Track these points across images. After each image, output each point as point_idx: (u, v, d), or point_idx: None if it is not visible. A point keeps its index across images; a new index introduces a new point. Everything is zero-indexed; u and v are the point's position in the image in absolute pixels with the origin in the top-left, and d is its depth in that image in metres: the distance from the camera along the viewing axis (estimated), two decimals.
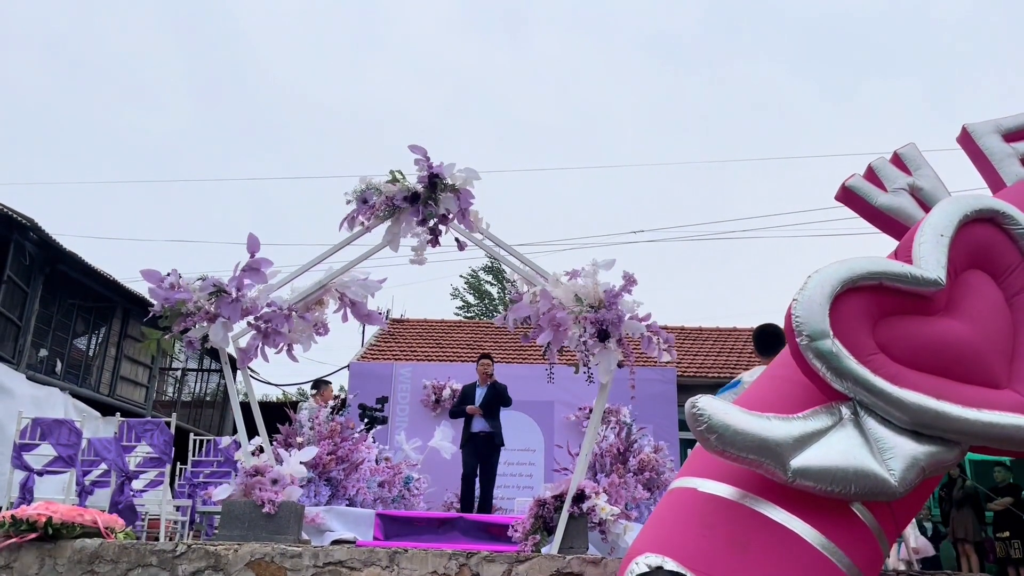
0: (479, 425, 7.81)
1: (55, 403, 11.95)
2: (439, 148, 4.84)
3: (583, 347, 4.40)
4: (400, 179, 4.98)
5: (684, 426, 9.99)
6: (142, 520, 7.65)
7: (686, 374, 14.01)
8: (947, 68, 63.66)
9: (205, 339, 4.65)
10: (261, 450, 5.14)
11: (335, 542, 5.61)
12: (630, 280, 4.43)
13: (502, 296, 28.50)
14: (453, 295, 30.78)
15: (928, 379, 2.92)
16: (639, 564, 2.74)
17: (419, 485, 7.97)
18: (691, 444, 5.10)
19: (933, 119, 58.81)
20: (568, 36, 59.36)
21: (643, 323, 4.47)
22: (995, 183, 4.02)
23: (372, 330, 17.48)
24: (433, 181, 4.90)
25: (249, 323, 4.80)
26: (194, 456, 8.89)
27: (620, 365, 4.49)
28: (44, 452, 6.81)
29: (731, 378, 6.15)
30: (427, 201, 4.91)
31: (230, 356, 5.07)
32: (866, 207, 4.16)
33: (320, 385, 8.92)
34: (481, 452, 7.74)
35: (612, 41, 59.37)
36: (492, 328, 17.80)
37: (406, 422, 9.88)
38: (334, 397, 8.50)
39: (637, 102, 57.14)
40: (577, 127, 57.00)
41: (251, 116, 58.34)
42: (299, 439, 6.93)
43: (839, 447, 2.77)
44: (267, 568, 3.79)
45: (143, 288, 4.90)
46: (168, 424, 7.38)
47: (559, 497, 4.76)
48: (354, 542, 5.64)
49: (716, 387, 6.09)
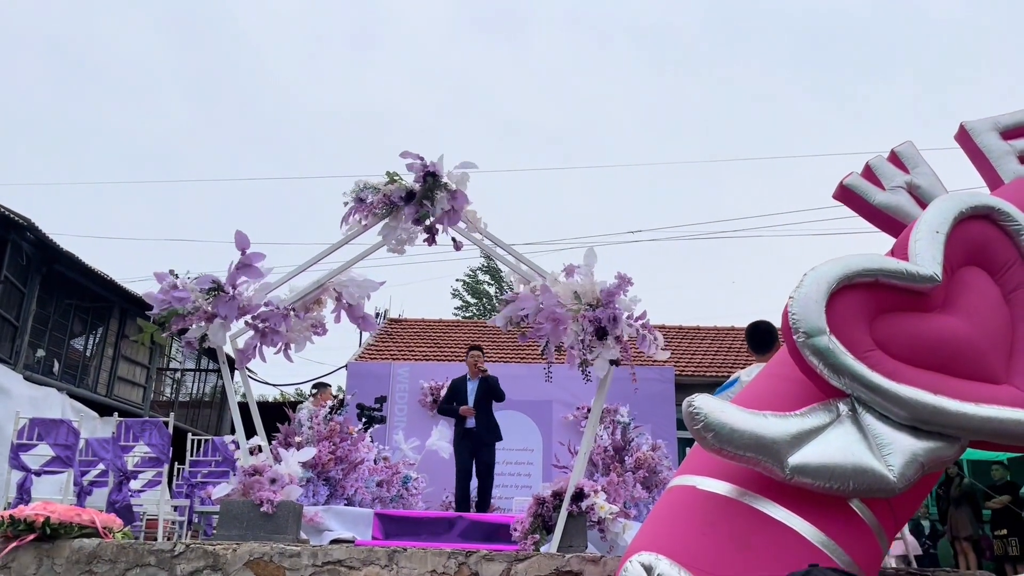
0: (472, 421, 7.70)
1: (52, 403, 11.92)
2: (436, 147, 4.84)
3: (581, 345, 4.40)
4: (397, 179, 4.97)
5: (682, 425, 9.88)
6: (140, 520, 7.64)
7: (684, 373, 14.02)
8: (945, 67, 63.79)
9: (203, 339, 4.64)
10: (260, 449, 5.13)
11: (334, 541, 5.61)
12: (625, 280, 4.44)
13: (499, 295, 28.52)
14: (454, 294, 30.94)
15: (926, 375, 2.93)
16: (633, 563, 2.74)
17: (417, 485, 7.96)
18: (689, 443, 5.10)
19: (930, 118, 58.92)
20: (565, 36, 59.41)
21: (638, 322, 4.48)
22: (993, 181, 4.03)
23: None
24: (429, 179, 4.89)
25: (247, 322, 4.79)
26: (192, 456, 8.89)
27: (617, 363, 4.49)
28: (42, 452, 6.80)
29: (728, 377, 6.16)
30: (422, 200, 4.89)
31: (228, 356, 5.06)
32: (864, 205, 4.17)
33: (319, 388, 8.92)
34: (476, 449, 7.65)
35: (609, 40, 59.43)
36: (490, 328, 17.81)
37: (404, 422, 9.87)
38: (332, 397, 8.50)
39: (634, 101, 57.21)
40: (574, 127, 57.06)
41: (249, 116, 58.35)
42: (298, 439, 6.93)
43: (837, 444, 2.77)
44: (266, 567, 3.78)
45: (141, 288, 4.90)
46: (166, 424, 7.37)
47: (558, 495, 4.76)
48: (353, 541, 5.64)
49: (714, 386, 6.09)
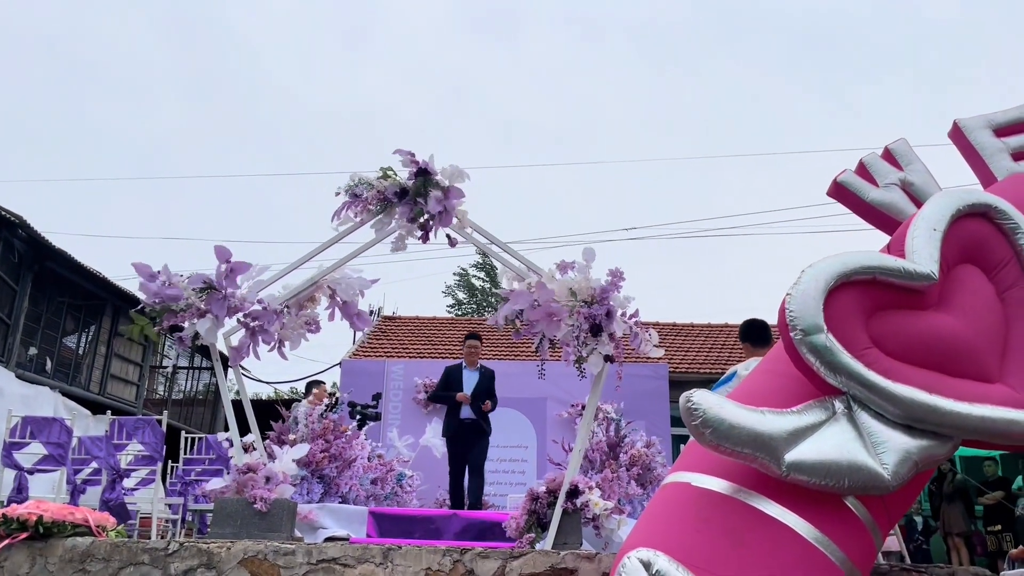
0: (467, 412, 7.52)
1: (45, 402, 11.85)
2: (431, 145, 4.85)
3: (576, 342, 4.40)
4: (391, 175, 4.96)
5: (676, 422, 10.02)
6: (134, 519, 7.62)
7: (678, 370, 14.04)
8: (941, 65, 63.99)
9: (196, 336, 4.62)
10: (254, 447, 5.12)
11: (328, 539, 5.60)
12: (618, 276, 4.44)
13: (491, 289, 28.46)
14: (445, 293, 30.79)
15: (921, 373, 2.93)
16: (631, 559, 2.74)
17: (412, 482, 7.93)
18: (683, 440, 5.11)
19: (924, 115, 59.09)
20: (559, 33, 59.38)
21: (631, 319, 4.48)
22: (986, 178, 4.04)
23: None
24: (422, 177, 4.88)
25: (239, 320, 4.78)
26: (186, 454, 8.86)
27: (612, 360, 4.49)
28: (34, 451, 6.77)
29: (723, 373, 6.16)
30: (416, 198, 4.88)
31: (221, 354, 5.05)
32: (858, 202, 4.17)
33: (313, 386, 8.88)
34: (470, 441, 7.52)
35: (603, 37, 59.44)
36: (484, 325, 17.79)
37: (398, 419, 9.86)
38: (328, 395, 8.48)
39: (628, 98, 57.25)
40: (568, 124, 57.07)
41: (243, 113, 58.16)
42: (292, 436, 6.91)
43: (833, 441, 2.77)
44: (260, 566, 3.77)
45: (134, 286, 4.88)
46: (159, 422, 7.34)
47: (552, 492, 4.76)
48: (347, 539, 5.62)
49: (708, 382, 6.10)
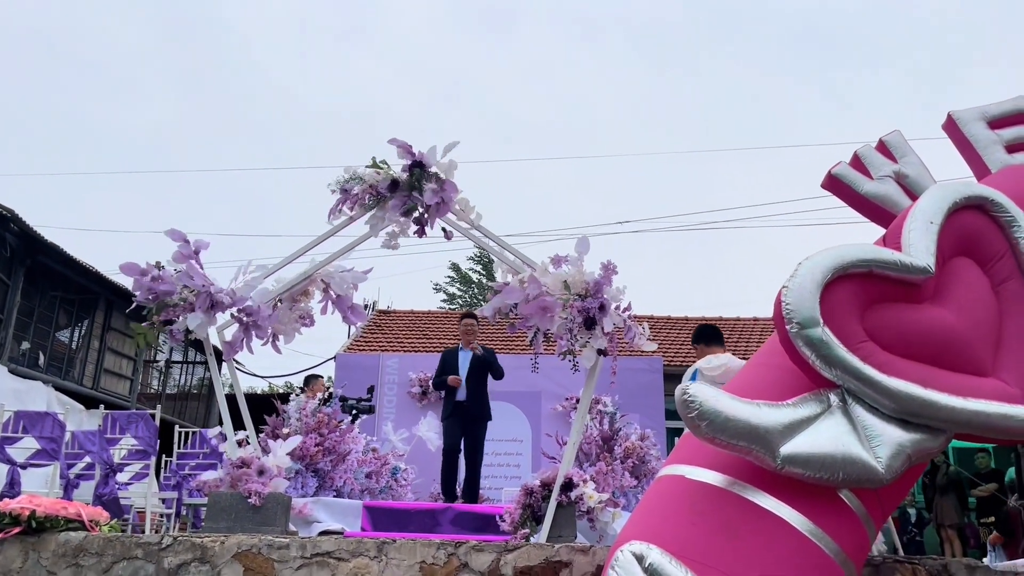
0: (463, 394, 7.30)
1: (38, 396, 11.82)
2: (425, 139, 4.80)
3: (569, 335, 4.39)
4: (384, 168, 4.93)
5: (671, 415, 10.02)
6: (128, 513, 7.60)
7: (672, 363, 14.04)
8: (935, 58, 64.04)
9: (188, 331, 4.61)
10: (248, 441, 5.10)
11: (323, 533, 5.59)
12: (610, 269, 4.43)
13: (485, 281, 28.27)
14: (436, 289, 30.42)
15: (915, 367, 2.93)
16: (624, 552, 2.74)
17: (407, 476, 7.92)
18: (678, 433, 5.12)
19: (919, 108, 59.18)
20: (555, 27, 59.26)
21: (625, 313, 4.47)
22: (980, 170, 4.04)
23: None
24: (416, 169, 4.85)
25: (232, 315, 4.76)
26: (179, 448, 8.84)
27: (605, 353, 4.48)
28: (27, 445, 6.75)
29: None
30: (410, 190, 4.86)
31: (215, 348, 5.03)
32: (852, 195, 4.17)
33: (309, 381, 8.88)
34: (466, 425, 7.26)
35: (598, 31, 59.31)
36: (478, 318, 17.77)
37: (393, 413, 9.84)
38: (324, 389, 8.47)
39: (623, 92, 57.17)
40: (563, 118, 56.99)
41: (236, 107, 57.93)
42: (286, 430, 6.90)
43: (827, 434, 2.77)
44: (254, 560, 3.76)
45: (126, 280, 4.83)
46: (153, 416, 7.33)
47: (547, 486, 4.76)
48: (342, 533, 5.62)
49: None
